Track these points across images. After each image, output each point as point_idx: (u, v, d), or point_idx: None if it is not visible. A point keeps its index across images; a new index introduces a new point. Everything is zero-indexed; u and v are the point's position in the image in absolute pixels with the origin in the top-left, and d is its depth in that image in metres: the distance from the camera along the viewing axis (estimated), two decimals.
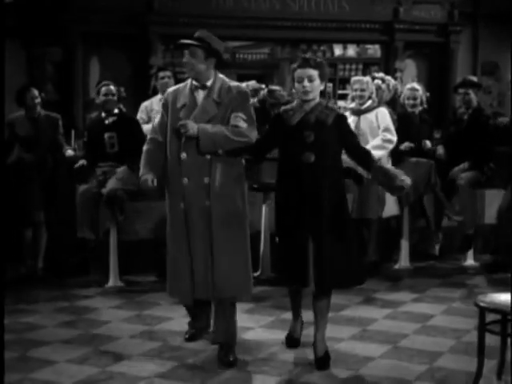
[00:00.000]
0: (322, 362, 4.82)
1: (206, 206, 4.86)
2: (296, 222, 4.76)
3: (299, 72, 4.79)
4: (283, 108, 4.97)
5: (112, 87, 7.39)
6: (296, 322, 5.27)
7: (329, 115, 4.82)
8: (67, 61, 10.77)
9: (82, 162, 7.32)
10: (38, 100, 7.45)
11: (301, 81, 4.78)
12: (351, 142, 4.96)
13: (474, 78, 8.49)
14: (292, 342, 5.23)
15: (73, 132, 8.50)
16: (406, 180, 4.83)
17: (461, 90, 7.92)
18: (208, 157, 4.85)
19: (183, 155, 4.88)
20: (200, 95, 4.95)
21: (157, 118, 5.20)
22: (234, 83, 5.08)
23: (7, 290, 6.81)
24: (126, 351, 5.11)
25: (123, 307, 6.31)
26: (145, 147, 5.12)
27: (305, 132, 4.76)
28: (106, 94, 7.34)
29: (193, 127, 4.79)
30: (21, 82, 8.41)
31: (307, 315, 5.20)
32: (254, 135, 4.91)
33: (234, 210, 4.91)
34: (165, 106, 5.05)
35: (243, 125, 4.87)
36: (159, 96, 7.96)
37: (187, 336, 5.35)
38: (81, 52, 10.78)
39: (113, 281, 7.02)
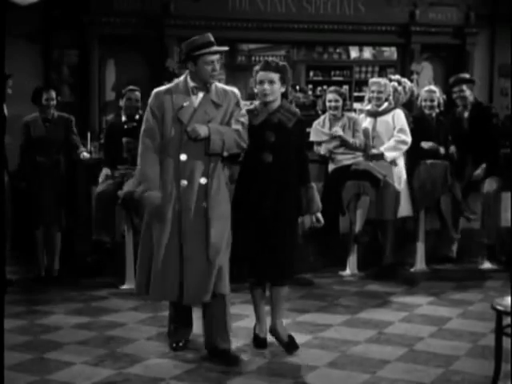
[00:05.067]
0: (291, 345, 5.10)
1: (202, 207, 4.82)
2: (252, 217, 4.96)
3: (261, 74, 4.97)
4: (247, 108, 5.09)
5: (137, 93, 7.42)
6: (261, 321, 5.27)
7: (290, 119, 5.01)
8: (84, 63, 10.80)
9: (106, 171, 7.32)
10: (54, 102, 7.47)
11: (262, 83, 4.95)
12: (300, 149, 5.15)
13: (466, 75, 8.42)
14: (259, 342, 5.23)
15: (88, 134, 8.53)
16: (320, 217, 5.17)
17: (455, 89, 7.88)
18: (207, 157, 4.81)
19: (183, 156, 4.82)
20: (199, 96, 4.89)
21: (147, 122, 4.93)
22: (226, 86, 5.10)
23: (23, 292, 6.88)
24: (143, 353, 5.11)
25: (139, 309, 6.31)
26: (143, 154, 4.91)
27: (267, 132, 4.95)
28: (129, 99, 7.37)
29: (203, 129, 4.77)
30: (37, 85, 8.42)
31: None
32: (247, 140, 4.94)
33: (226, 211, 4.92)
34: (158, 107, 4.87)
35: (242, 130, 4.90)
36: None
37: (175, 346, 5.18)
38: (97, 55, 10.80)
39: (129, 282, 7.03)
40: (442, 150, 7.72)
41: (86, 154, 7.66)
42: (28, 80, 8.86)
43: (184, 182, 4.81)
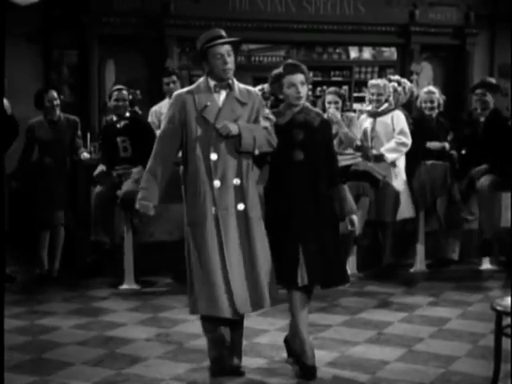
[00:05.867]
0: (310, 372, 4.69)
1: (240, 209, 4.60)
2: (286, 219, 4.72)
3: (291, 78, 4.79)
4: (271, 110, 4.97)
5: (124, 92, 7.43)
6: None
7: (315, 118, 4.89)
8: (83, 63, 10.81)
9: (101, 168, 7.33)
10: (57, 102, 7.47)
11: (293, 86, 4.79)
12: (329, 148, 4.97)
13: (493, 80, 8.42)
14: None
15: (88, 134, 8.53)
16: (354, 220, 4.91)
17: (478, 91, 7.88)
18: (238, 156, 4.62)
19: (214, 156, 4.59)
20: (222, 95, 4.70)
21: (167, 119, 4.76)
22: (246, 86, 4.91)
23: (23, 292, 6.88)
24: (142, 353, 5.11)
25: (139, 309, 6.32)
26: (151, 159, 4.71)
27: (294, 130, 4.80)
28: (117, 100, 7.40)
29: (234, 126, 4.57)
30: (37, 86, 8.43)
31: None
32: (276, 140, 4.74)
33: (261, 214, 4.70)
34: (180, 108, 4.67)
35: (270, 127, 4.73)
36: (167, 100, 7.99)
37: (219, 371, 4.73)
38: (97, 55, 10.81)
39: (128, 283, 7.04)
40: (446, 145, 7.71)
41: (86, 154, 7.67)
42: (28, 80, 8.87)
43: (217, 183, 4.58)
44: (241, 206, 4.60)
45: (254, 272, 4.55)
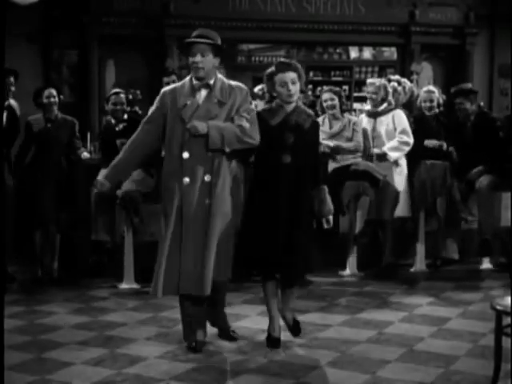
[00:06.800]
0: (295, 328, 5.30)
1: (205, 204, 4.86)
2: (270, 215, 4.94)
3: (283, 76, 4.93)
4: (262, 108, 5.14)
5: (122, 96, 7.46)
6: (274, 319, 5.24)
7: (306, 120, 5.03)
8: (83, 63, 10.83)
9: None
10: (55, 100, 7.45)
11: (284, 85, 4.92)
12: (314, 150, 5.20)
13: (468, 85, 8.37)
14: (272, 341, 5.20)
15: (88, 134, 8.54)
16: (330, 220, 5.26)
17: (456, 100, 7.84)
18: (210, 154, 4.85)
19: (185, 154, 4.86)
20: (202, 94, 4.93)
21: (150, 111, 5.13)
22: (233, 82, 5.08)
23: (23, 292, 6.88)
24: (142, 353, 5.11)
25: (139, 309, 6.31)
26: (129, 142, 5.15)
27: (285, 134, 4.94)
28: (114, 104, 7.43)
29: (202, 125, 4.80)
30: (37, 86, 8.43)
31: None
32: (257, 137, 4.92)
33: (229, 209, 4.95)
34: (163, 104, 4.99)
35: (246, 125, 4.88)
36: None
37: (193, 345, 5.13)
38: (97, 55, 10.83)
39: (128, 282, 7.04)
40: (444, 144, 7.71)
41: (86, 154, 7.67)
42: (28, 80, 8.86)
43: (186, 180, 4.86)
44: (206, 201, 4.88)
45: (204, 260, 4.85)
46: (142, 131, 5.09)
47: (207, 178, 4.87)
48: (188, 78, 5.03)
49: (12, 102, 7.34)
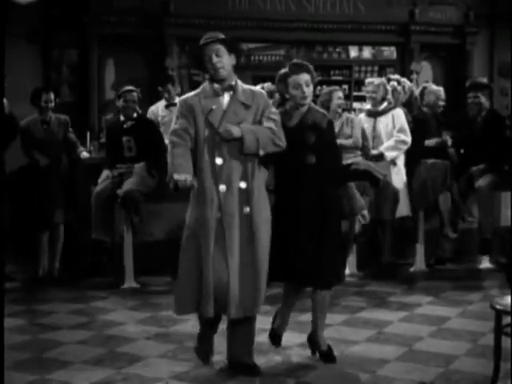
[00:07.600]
0: (329, 355, 4.94)
1: (245, 213, 4.58)
2: (295, 220, 4.78)
3: (297, 78, 4.81)
4: (279, 110, 4.95)
5: (134, 94, 7.40)
6: (284, 320, 5.15)
7: (322, 119, 4.89)
8: (83, 63, 10.82)
9: (107, 173, 7.32)
10: (52, 104, 7.46)
11: (298, 87, 4.80)
12: (334, 149, 5.03)
13: (483, 80, 8.39)
14: (275, 338, 5.14)
15: (88, 134, 8.54)
16: (366, 214, 5.17)
17: (470, 94, 7.84)
18: (243, 159, 4.58)
19: (219, 160, 4.57)
20: (225, 98, 4.66)
21: (176, 124, 4.67)
22: (250, 86, 4.89)
23: (23, 291, 6.89)
24: (142, 353, 5.11)
25: (138, 308, 6.32)
26: (172, 150, 4.62)
27: (306, 134, 4.81)
28: (126, 101, 7.33)
29: (236, 129, 4.54)
30: (37, 86, 8.43)
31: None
32: (284, 140, 4.69)
33: (268, 216, 4.69)
34: (189, 112, 4.63)
35: (275, 127, 4.67)
36: (163, 101, 8.26)
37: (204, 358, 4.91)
38: (97, 54, 10.83)
39: (128, 282, 7.04)
40: (449, 140, 7.69)
41: (85, 154, 7.67)
42: (28, 80, 8.87)
43: (223, 187, 4.56)
44: (246, 210, 4.59)
45: (255, 276, 4.57)
46: (176, 145, 4.62)
47: (243, 184, 4.59)
48: (207, 83, 4.73)
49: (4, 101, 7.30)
